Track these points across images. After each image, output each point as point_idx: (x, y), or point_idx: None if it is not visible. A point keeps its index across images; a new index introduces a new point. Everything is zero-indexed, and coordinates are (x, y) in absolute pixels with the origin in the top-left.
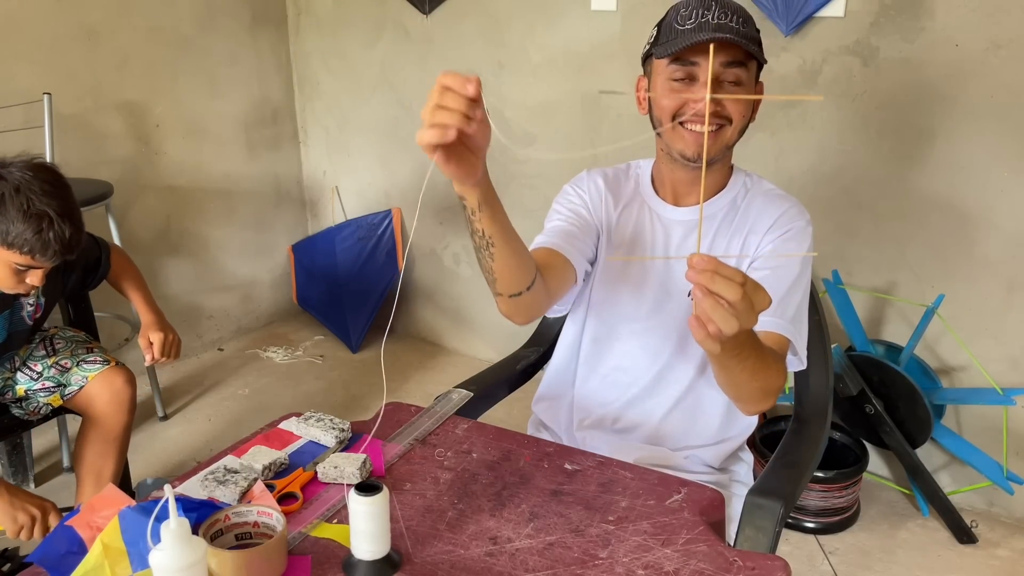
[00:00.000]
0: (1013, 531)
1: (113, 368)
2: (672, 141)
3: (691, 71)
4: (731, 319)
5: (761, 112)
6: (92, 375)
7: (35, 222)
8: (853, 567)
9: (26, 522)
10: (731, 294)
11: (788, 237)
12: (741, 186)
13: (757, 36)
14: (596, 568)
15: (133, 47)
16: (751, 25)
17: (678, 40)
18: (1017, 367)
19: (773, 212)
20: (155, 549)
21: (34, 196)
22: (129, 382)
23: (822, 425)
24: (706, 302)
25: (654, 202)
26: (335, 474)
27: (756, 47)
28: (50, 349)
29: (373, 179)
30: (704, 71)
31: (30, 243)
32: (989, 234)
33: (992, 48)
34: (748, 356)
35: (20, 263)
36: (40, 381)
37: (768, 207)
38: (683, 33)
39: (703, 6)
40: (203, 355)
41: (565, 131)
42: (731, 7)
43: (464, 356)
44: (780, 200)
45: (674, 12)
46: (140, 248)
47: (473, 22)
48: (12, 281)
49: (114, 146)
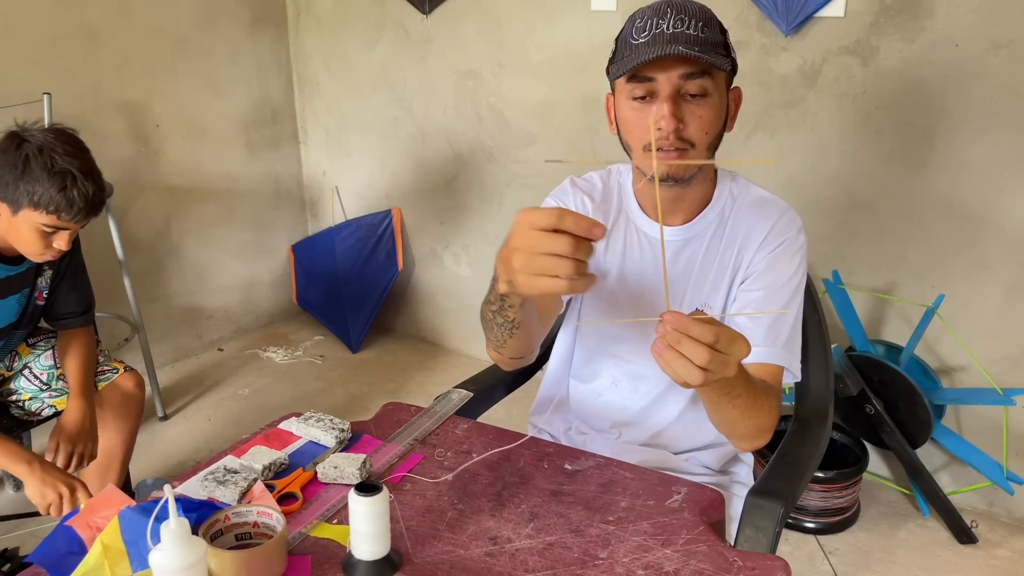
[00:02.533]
0: (1013, 531)
1: (123, 375)
2: (642, 164)
3: (650, 87)
4: (695, 372)
5: (761, 112)
6: (102, 385)
7: (59, 180)
8: (853, 567)
9: (54, 499)
10: (698, 357)
11: (781, 251)
12: (728, 196)
13: (721, 39)
14: (596, 568)
15: (133, 47)
16: (713, 28)
17: (631, 57)
18: (1017, 367)
19: (764, 225)
20: (155, 549)
21: (57, 156)
22: (139, 386)
23: (822, 425)
24: (667, 354)
25: (640, 220)
26: (335, 474)
27: (717, 53)
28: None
29: (373, 179)
30: (663, 84)
31: (55, 201)
32: (989, 234)
33: (992, 48)
34: (739, 395)
35: (47, 224)
36: (47, 391)
37: (758, 221)
38: (637, 48)
39: (657, 15)
40: (203, 355)
41: (565, 131)
42: (689, 11)
43: (464, 356)
44: (769, 209)
45: (630, 24)
46: (140, 248)
47: (473, 22)
48: (40, 245)
49: (114, 146)
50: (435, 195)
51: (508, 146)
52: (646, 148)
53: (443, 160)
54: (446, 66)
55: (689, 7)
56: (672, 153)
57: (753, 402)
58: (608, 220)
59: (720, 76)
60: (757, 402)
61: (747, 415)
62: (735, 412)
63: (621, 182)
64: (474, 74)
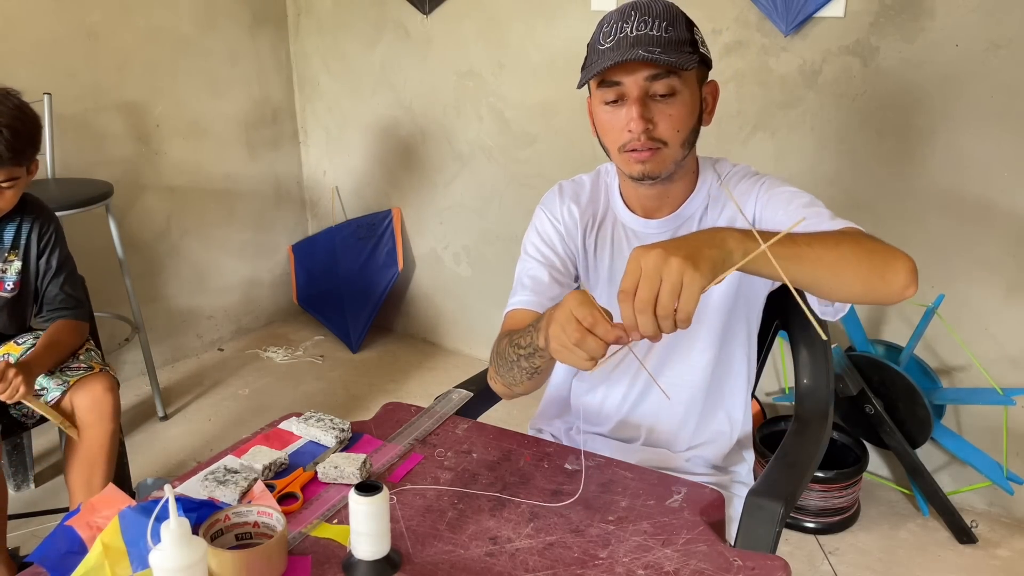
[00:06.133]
0: (1013, 531)
1: (94, 375)
2: (622, 165)
3: (620, 91)
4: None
5: (761, 113)
6: (72, 380)
7: None
8: (853, 567)
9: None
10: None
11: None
12: (712, 175)
13: (687, 35)
14: (596, 568)
15: (133, 47)
16: (679, 26)
17: (597, 63)
18: (1017, 367)
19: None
20: (155, 549)
21: None
22: (110, 389)
23: (823, 425)
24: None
25: (626, 217)
26: (335, 474)
27: (682, 51)
28: None
29: (373, 179)
30: (631, 87)
31: None
32: (989, 234)
33: (992, 48)
34: (805, 248)
35: None
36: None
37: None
38: (603, 54)
39: (622, 18)
40: (203, 355)
41: (565, 131)
42: (653, 11)
43: (464, 356)
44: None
45: (598, 30)
46: (140, 248)
47: (473, 22)
48: None
49: (114, 146)
50: (435, 195)
51: (508, 146)
52: (621, 149)
53: (443, 160)
54: (446, 66)
55: (653, 7)
56: (645, 153)
57: (836, 243)
58: (596, 220)
59: (690, 73)
60: (840, 240)
61: (845, 257)
62: (833, 257)
63: (608, 182)
64: (474, 74)
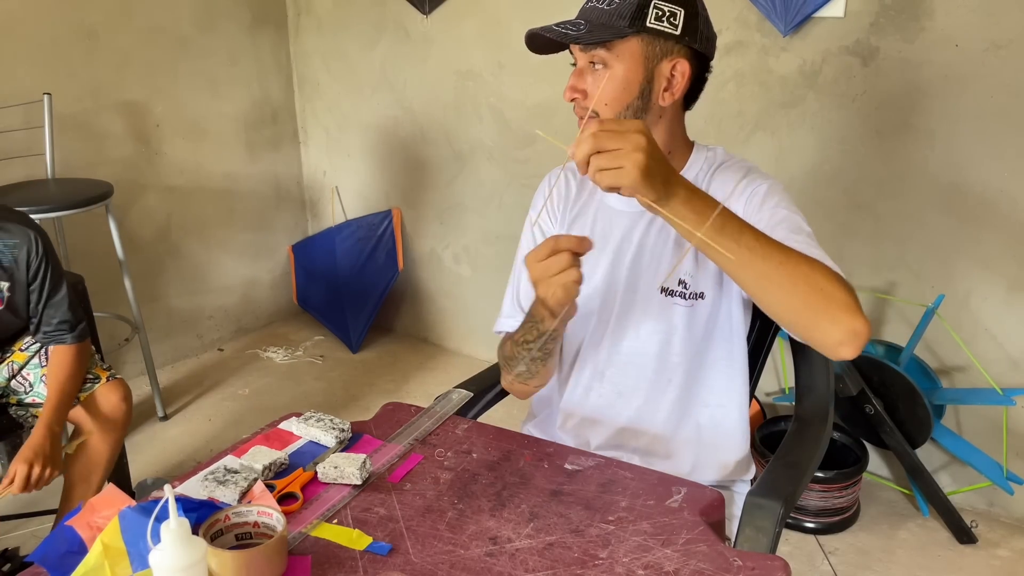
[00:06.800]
0: (1013, 531)
1: (109, 385)
2: None
3: (571, 58)
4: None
5: (761, 112)
6: (83, 396)
7: None
8: (853, 567)
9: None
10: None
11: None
12: (703, 162)
13: (632, 9)
14: (596, 568)
15: (133, 47)
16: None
17: (535, 37)
18: (1017, 367)
19: (732, 178)
20: (155, 549)
21: None
22: (125, 399)
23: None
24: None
25: (609, 197)
26: (335, 474)
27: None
28: (43, 359)
29: (373, 179)
30: (577, 55)
31: None
32: (989, 234)
33: (992, 48)
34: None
35: None
36: (30, 396)
37: (727, 177)
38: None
39: None
40: (203, 355)
41: (565, 131)
42: None
43: (464, 356)
44: (740, 168)
45: None
46: (140, 248)
47: (473, 22)
48: None
49: (114, 146)
50: (435, 195)
51: (508, 146)
52: None
53: (443, 160)
54: (446, 66)
55: None
56: (582, 122)
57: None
58: (582, 197)
59: (629, 45)
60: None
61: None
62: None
63: None
64: (474, 74)
